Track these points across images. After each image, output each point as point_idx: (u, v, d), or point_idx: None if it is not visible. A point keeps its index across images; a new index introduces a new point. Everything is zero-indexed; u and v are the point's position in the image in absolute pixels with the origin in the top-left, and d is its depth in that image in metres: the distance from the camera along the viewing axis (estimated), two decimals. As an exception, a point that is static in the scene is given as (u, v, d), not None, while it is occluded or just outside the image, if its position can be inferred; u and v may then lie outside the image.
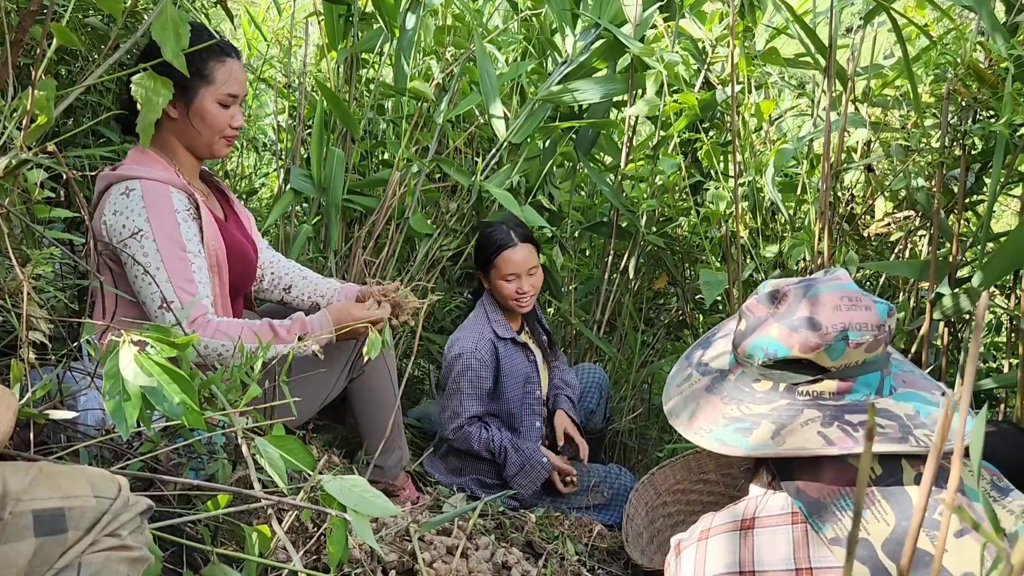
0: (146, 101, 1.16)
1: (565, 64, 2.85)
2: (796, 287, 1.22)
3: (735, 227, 2.55)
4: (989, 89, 2.10)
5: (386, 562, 1.51)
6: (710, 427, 1.21)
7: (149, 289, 1.75)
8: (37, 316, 1.13)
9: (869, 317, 1.15)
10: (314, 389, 2.04)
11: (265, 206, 3.63)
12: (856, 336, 1.14)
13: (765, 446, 1.13)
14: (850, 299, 1.16)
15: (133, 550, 0.84)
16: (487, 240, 2.46)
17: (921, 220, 2.51)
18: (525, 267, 2.42)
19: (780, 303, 1.21)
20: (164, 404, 0.95)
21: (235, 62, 1.89)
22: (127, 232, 1.75)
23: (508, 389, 2.44)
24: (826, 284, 1.20)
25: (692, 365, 1.39)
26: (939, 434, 0.51)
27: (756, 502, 1.18)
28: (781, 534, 1.12)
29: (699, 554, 1.18)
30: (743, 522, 1.16)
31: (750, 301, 1.26)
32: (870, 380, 1.18)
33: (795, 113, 3.46)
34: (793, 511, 1.13)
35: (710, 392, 1.27)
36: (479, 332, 2.43)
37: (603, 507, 2.48)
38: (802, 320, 1.16)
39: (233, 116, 1.90)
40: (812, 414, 1.15)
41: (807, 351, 1.15)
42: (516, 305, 2.45)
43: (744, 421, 1.18)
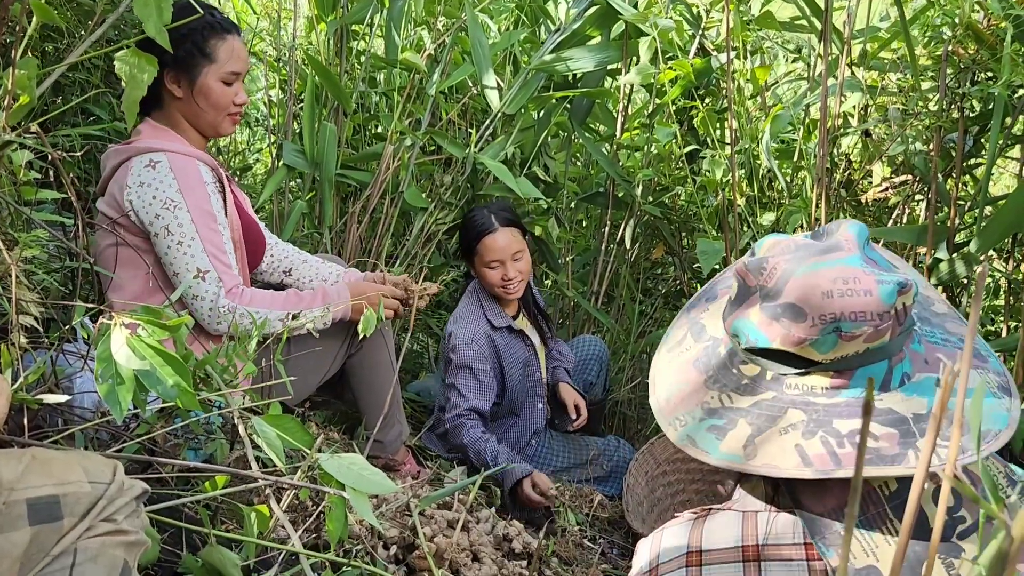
0: (130, 78, 1.14)
1: (558, 32, 2.82)
2: (785, 259, 0.99)
3: (732, 195, 2.53)
4: (988, 50, 2.07)
5: (387, 537, 1.52)
6: (685, 418, 1.02)
7: (184, 259, 1.77)
8: (27, 300, 1.12)
9: (868, 304, 0.93)
10: (312, 367, 2.04)
11: (259, 182, 3.61)
12: (850, 328, 0.93)
13: (733, 456, 0.94)
14: (846, 281, 0.94)
15: (129, 534, 0.83)
16: (467, 226, 2.37)
17: (919, 185, 2.49)
18: (508, 253, 2.32)
19: (767, 277, 0.99)
20: (158, 386, 0.95)
21: (236, 39, 1.88)
22: (158, 203, 1.77)
23: (509, 377, 2.41)
24: (821, 259, 0.97)
25: (690, 323, 1.17)
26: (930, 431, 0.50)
27: (758, 522, 0.97)
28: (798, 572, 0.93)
29: None
30: (746, 549, 0.95)
31: (740, 264, 1.03)
32: (873, 372, 0.96)
33: (791, 79, 3.42)
34: (807, 542, 0.94)
35: (697, 368, 1.08)
36: (475, 324, 2.35)
37: (603, 478, 2.49)
38: (785, 307, 0.95)
39: (237, 93, 1.90)
40: (795, 417, 0.95)
41: (789, 345, 0.96)
42: (504, 292, 2.36)
43: (721, 417, 0.99)
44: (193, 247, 1.78)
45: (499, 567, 1.61)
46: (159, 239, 1.79)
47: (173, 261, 1.79)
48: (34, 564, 0.77)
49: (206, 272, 1.78)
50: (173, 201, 1.77)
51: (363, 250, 2.82)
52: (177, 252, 1.78)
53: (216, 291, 1.78)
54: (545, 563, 1.87)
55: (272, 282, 2.22)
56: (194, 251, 1.78)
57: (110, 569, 0.80)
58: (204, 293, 1.78)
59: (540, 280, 3.44)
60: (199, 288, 1.78)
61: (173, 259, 1.79)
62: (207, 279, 1.78)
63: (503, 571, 1.60)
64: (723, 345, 1.07)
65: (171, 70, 1.82)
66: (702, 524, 1.00)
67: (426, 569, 1.46)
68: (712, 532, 0.98)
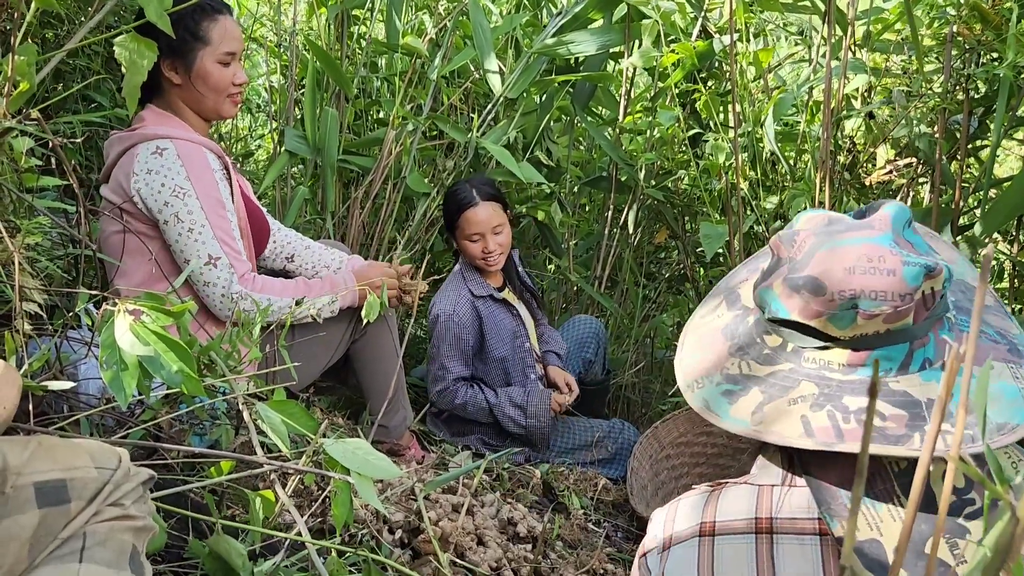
0: (130, 64, 1.14)
1: (560, 15, 2.80)
2: (816, 233, 0.99)
3: (735, 179, 2.52)
4: (993, 31, 2.06)
5: (392, 522, 1.53)
6: (703, 381, 1.04)
7: (195, 247, 1.78)
8: (31, 287, 1.12)
9: (891, 284, 0.91)
10: (316, 352, 2.04)
11: (261, 169, 3.60)
12: (869, 306, 0.92)
13: (741, 422, 0.96)
14: (871, 259, 0.93)
15: (137, 519, 0.84)
16: (449, 200, 2.42)
17: (923, 167, 2.48)
18: (489, 226, 2.37)
19: (797, 249, 0.99)
20: (162, 372, 0.95)
21: (228, 18, 1.87)
22: (167, 191, 1.76)
23: (496, 347, 2.44)
24: (850, 235, 0.96)
25: (726, 292, 1.17)
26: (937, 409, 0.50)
27: (772, 496, 0.97)
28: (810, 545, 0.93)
29: (702, 558, 0.97)
30: (759, 522, 0.95)
31: (775, 237, 1.04)
32: (893, 353, 0.95)
33: (793, 61, 3.40)
34: (820, 516, 0.94)
35: (724, 334, 1.09)
36: (456, 293, 2.41)
37: (607, 461, 2.50)
38: (807, 280, 0.94)
39: (235, 73, 1.89)
40: (807, 390, 0.96)
41: (808, 317, 0.95)
42: (484, 264, 2.42)
43: (737, 383, 1.00)
44: (204, 234, 1.78)
45: (504, 550, 1.61)
46: (169, 227, 1.79)
47: (184, 248, 1.79)
48: (43, 547, 0.78)
49: (217, 259, 1.78)
50: (182, 188, 1.77)
51: (366, 235, 2.81)
52: (188, 239, 1.78)
53: (229, 277, 1.78)
54: (550, 546, 1.88)
55: (275, 268, 2.22)
56: (205, 238, 1.78)
57: (119, 553, 0.81)
58: (216, 280, 1.78)
59: (543, 264, 3.44)
60: (211, 275, 1.78)
61: (184, 246, 1.79)
62: (219, 266, 1.78)
63: (508, 554, 1.61)
64: (752, 315, 1.07)
65: (167, 57, 1.80)
66: (717, 496, 1.00)
67: (431, 553, 1.46)
68: (726, 504, 0.99)
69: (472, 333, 2.41)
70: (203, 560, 1.07)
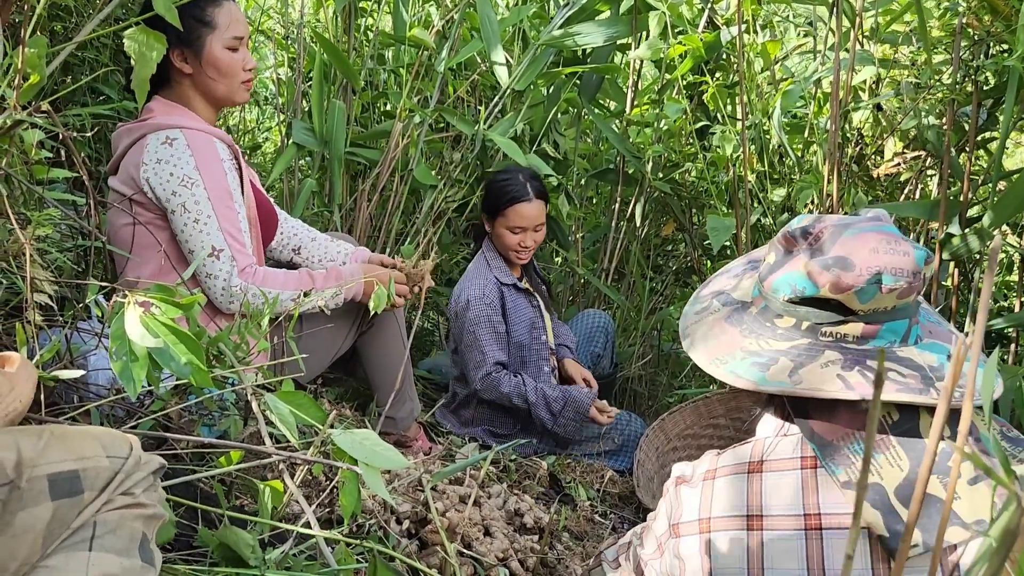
0: (139, 56, 1.14)
1: (567, 7, 2.79)
2: (833, 225, 1.16)
3: (742, 171, 2.52)
4: (1003, 21, 2.04)
5: (399, 512, 1.53)
6: (726, 359, 1.18)
7: (199, 237, 1.78)
8: (41, 278, 1.13)
9: (906, 263, 1.09)
10: (324, 344, 2.05)
11: (268, 161, 3.61)
12: (890, 281, 1.08)
13: (781, 383, 1.10)
14: (889, 242, 1.10)
15: (147, 507, 0.84)
16: (502, 189, 2.43)
17: (931, 159, 2.47)
18: (533, 223, 2.43)
19: (815, 239, 1.16)
20: (171, 364, 0.96)
21: (231, 3, 1.88)
22: (176, 180, 1.77)
23: (516, 334, 2.45)
24: (865, 224, 1.14)
25: (712, 295, 1.34)
26: (951, 377, 0.50)
27: (764, 444, 1.15)
28: (789, 478, 1.10)
29: (704, 495, 1.15)
30: (750, 464, 1.13)
31: (781, 234, 1.20)
32: (897, 327, 1.13)
33: (801, 52, 3.39)
34: (803, 455, 1.10)
35: (729, 323, 1.24)
36: (483, 278, 2.43)
37: (614, 453, 2.50)
38: (836, 259, 1.10)
39: (245, 58, 1.90)
40: (833, 356, 1.11)
41: (837, 291, 1.10)
42: (515, 256, 2.46)
43: (762, 356, 1.15)
44: (209, 225, 1.78)
45: (511, 541, 1.62)
46: (175, 216, 1.79)
47: (189, 239, 1.79)
48: (56, 537, 0.79)
49: (220, 251, 1.79)
50: (191, 178, 1.77)
51: (373, 228, 2.82)
52: (193, 230, 1.78)
53: (230, 270, 1.79)
54: (556, 538, 1.88)
55: (282, 260, 2.23)
56: (210, 229, 1.78)
57: (129, 541, 0.82)
58: (218, 272, 1.79)
59: (550, 257, 3.44)
60: (213, 267, 1.78)
61: (189, 237, 1.79)
62: (221, 258, 1.78)
63: (515, 545, 1.62)
64: (754, 306, 1.24)
65: (175, 47, 1.81)
66: (720, 452, 1.19)
67: (438, 543, 1.47)
68: (726, 455, 1.17)
69: (501, 317, 2.43)
70: (212, 549, 1.07)
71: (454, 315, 2.46)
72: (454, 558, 1.26)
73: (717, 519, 1.12)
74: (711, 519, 1.13)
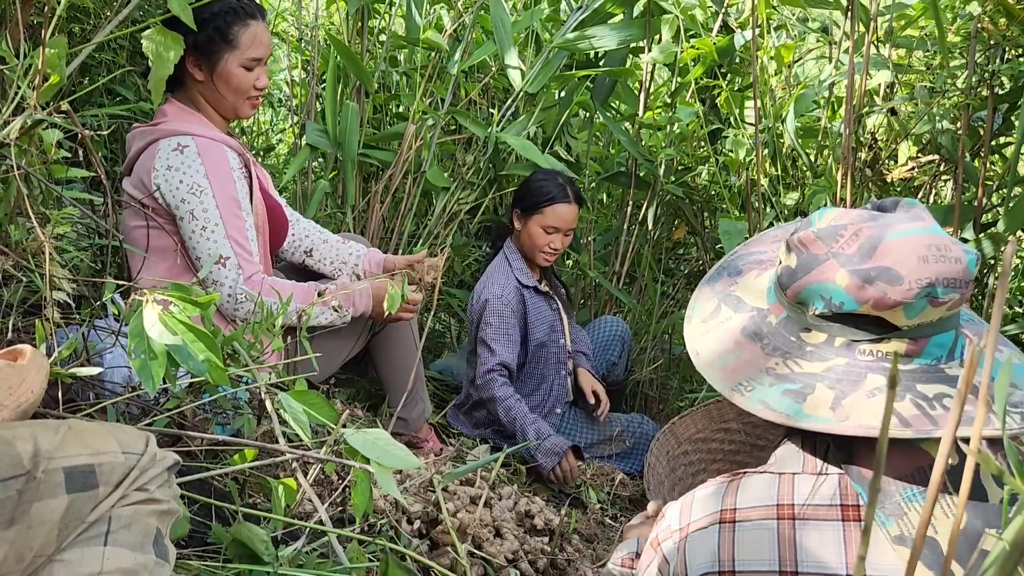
0: (157, 57, 1.15)
1: (580, 10, 2.80)
2: (868, 225, 0.97)
3: (755, 175, 2.51)
4: (1019, 26, 2.04)
5: (411, 512, 1.54)
6: (751, 384, 1.00)
7: (206, 245, 1.80)
8: (60, 276, 1.15)
9: (960, 271, 0.93)
10: (336, 345, 2.06)
11: (282, 162, 3.63)
12: (944, 293, 0.93)
13: (823, 419, 0.93)
14: (939, 248, 0.93)
15: (162, 503, 0.85)
16: (542, 187, 2.45)
17: (946, 164, 2.46)
18: (568, 225, 2.45)
19: (846, 243, 0.97)
20: (189, 362, 0.96)
21: (259, 24, 1.88)
22: (185, 188, 1.79)
23: (537, 336, 2.46)
24: (908, 226, 0.96)
25: (719, 296, 1.15)
26: (963, 382, 0.50)
27: (794, 484, 0.96)
28: (830, 532, 0.93)
29: (723, 541, 0.97)
30: (781, 508, 0.95)
31: (804, 233, 1.01)
32: (943, 340, 0.97)
33: (815, 56, 3.38)
34: (843, 503, 0.94)
35: (747, 336, 1.06)
36: (504, 278, 2.44)
37: (625, 455, 2.50)
38: (880, 270, 0.93)
39: (258, 77, 1.91)
40: (879, 382, 0.95)
41: (882, 308, 0.94)
42: (542, 257, 2.46)
43: (794, 381, 0.98)
44: (216, 233, 1.79)
45: (521, 543, 1.62)
46: (184, 223, 1.81)
47: (196, 246, 1.81)
48: (71, 531, 0.79)
49: (227, 259, 1.79)
50: (200, 186, 1.79)
51: (385, 229, 2.83)
52: (200, 237, 1.79)
53: (235, 278, 1.80)
54: (566, 540, 1.89)
55: (294, 262, 2.23)
56: (217, 237, 1.79)
57: (143, 536, 0.82)
58: (224, 279, 1.80)
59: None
60: (219, 274, 1.79)
61: (196, 244, 1.81)
62: (227, 265, 1.79)
63: (525, 547, 1.62)
64: (772, 315, 1.06)
65: (192, 54, 1.82)
66: (736, 485, 1.00)
67: (449, 544, 1.48)
68: (747, 492, 0.98)
69: (518, 319, 2.43)
70: (226, 546, 1.08)
71: (471, 312, 2.47)
72: (464, 559, 1.26)
73: (743, 575, 0.95)
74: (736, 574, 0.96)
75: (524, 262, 2.50)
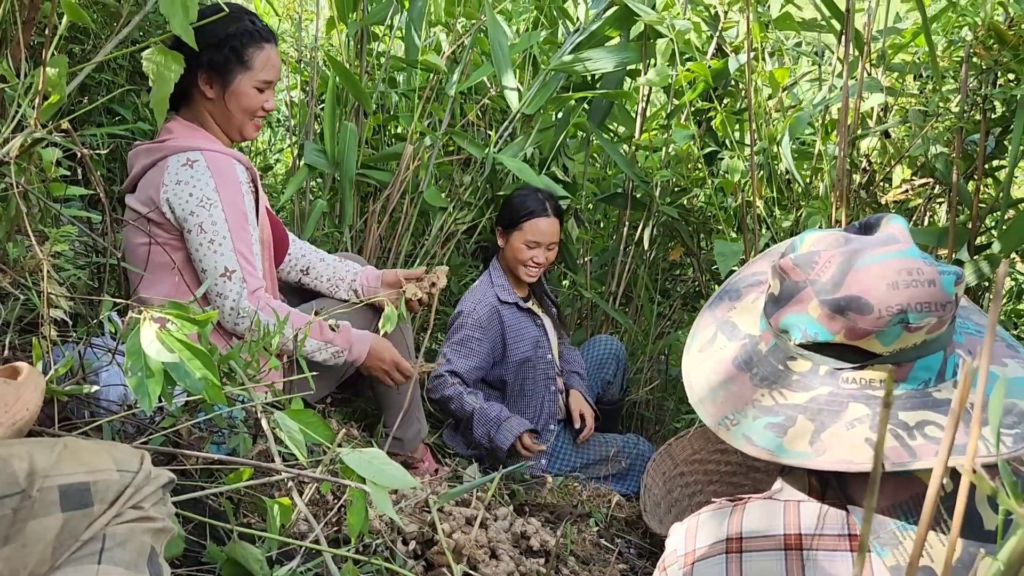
0: (158, 76, 1.16)
1: (577, 33, 2.83)
2: (841, 252, 0.96)
3: (750, 196, 2.53)
4: (1010, 51, 2.06)
5: (406, 532, 1.53)
6: (736, 417, 0.99)
7: (214, 257, 1.81)
8: (57, 294, 1.15)
9: (934, 295, 0.91)
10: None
11: (280, 182, 3.64)
12: (917, 319, 0.91)
13: (802, 454, 0.91)
14: (910, 272, 0.91)
15: (156, 521, 0.85)
16: (521, 202, 2.47)
17: (940, 187, 2.48)
18: (548, 239, 2.45)
19: (820, 270, 0.96)
20: (186, 380, 0.96)
21: (272, 48, 1.92)
22: (195, 200, 1.80)
23: (517, 352, 2.45)
24: (880, 252, 0.94)
25: (718, 322, 1.13)
26: (957, 400, 0.50)
27: (800, 512, 0.95)
28: (841, 562, 0.91)
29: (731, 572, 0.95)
30: (788, 538, 0.93)
31: (783, 260, 1.00)
32: (930, 363, 0.95)
33: (810, 79, 3.41)
34: (851, 532, 0.92)
35: (737, 366, 1.05)
36: (482, 294, 2.46)
37: (621, 476, 2.50)
38: (849, 299, 0.92)
39: (267, 99, 1.94)
40: (859, 412, 0.93)
41: (854, 338, 0.93)
42: (524, 272, 2.47)
43: (777, 414, 0.96)
44: (224, 246, 1.80)
45: (517, 564, 1.62)
46: (192, 236, 1.82)
47: (203, 258, 1.82)
48: (65, 549, 0.79)
49: (232, 272, 1.81)
50: (209, 199, 1.80)
51: (382, 249, 2.84)
52: (208, 250, 1.80)
53: (240, 291, 1.81)
54: (562, 561, 1.88)
55: (290, 280, 2.24)
56: (224, 250, 1.80)
57: (138, 554, 0.82)
58: (228, 292, 1.80)
59: (558, 280, 3.45)
60: (224, 287, 1.80)
61: (203, 256, 1.81)
62: (233, 279, 1.80)
63: (520, 568, 1.61)
64: (763, 342, 1.04)
65: (205, 72, 1.85)
66: (741, 512, 0.98)
67: (444, 565, 1.47)
68: (752, 520, 0.96)
69: (487, 335, 2.43)
70: (221, 565, 1.08)
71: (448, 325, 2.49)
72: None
73: None
74: None
75: (507, 279, 2.51)
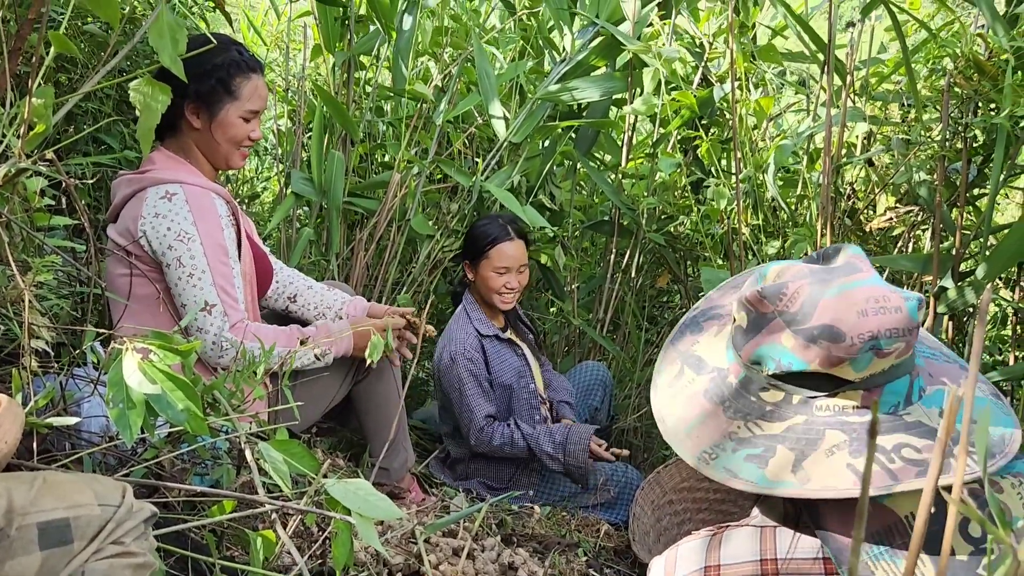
0: (145, 107, 1.16)
1: (564, 62, 2.85)
2: (807, 282, 0.99)
3: (736, 224, 2.54)
4: (990, 81, 2.09)
5: (392, 564, 1.51)
6: (715, 451, 1.00)
7: (192, 292, 1.79)
8: (39, 324, 1.14)
9: (900, 320, 0.95)
10: (318, 393, 2.04)
11: (267, 210, 3.64)
12: (887, 344, 0.94)
13: (785, 483, 0.94)
14: (877, 300, 0.95)
15: (137, 556, 0.84)
16: (482, 232, 2.45)
17: (923, 214, 2.50)
18: (517, 263, 2.43)
19: (789, 301, 0.99)
20: (168, 411, 0.95)
21: (260, 78, 1.93)
22: (172, 235, 1.78)
23: (500, 385, 2.44)
24: (845, 280, 0.98)
25: (682, 357, 1.15)
26: (943, 429, 0.50)
27: (776, 537, 0.98)
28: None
29: None
30: (764, 564, 0.96)
31: (750, 293, 1.02)
32: (898, 388, 0.98)
33: (795, 110, 3.45)
34: (825, 557, 0.95)
35: (709, 400, 1.06)
36: (464, 331, 2.42)
37: (609, 505, 2.48)
38: (822, 329, 0.95)
39: (253, 129, 1.94)
40: (837, 438, 0.95)
41: (829, 366, 0.96)
42: (500, 300, 2.44)
43: (755, 445, 0.98)
44: (203, 280, 1.79)
45: (504, 596, 1.60)
46: (170, 270, 1.80)
47: (182, 292, 1.80)
48: (44, 586, 0.78)
49: (213, 306, 1.79)
50: (187, 233, 1.79)
51: (369, 277, 2.83)
52: (187, 284, 1.79)
53: (220, 325, 1.79)
54: (551, 592, 1.85)
55: (277, 308, 2.23)
56: (203, 284, 1.79)
57: (118, 592, 0.81)
58: (209, 326, 1.78)
59: (546, 307, 3.45)
60: (204, 321, 1.78)
61: (182, 291, 1.80)
62: (213, 313, 1.79)
63: (508, 600, 1.60)
64: (732, 375, 1.06)
65: (192, 102, 1.85)
66: (719, 540, 1.00)
67: (431, 597, 1.45)
68: (730, 548, 0.98)
69: (483, 369, 2.42)
70: (202, 601, 1.06)
71: (439, 372, 2.44)
72: (447, 612, 1.24)
73: None
74: None
75: (483, 311, 2.49)
